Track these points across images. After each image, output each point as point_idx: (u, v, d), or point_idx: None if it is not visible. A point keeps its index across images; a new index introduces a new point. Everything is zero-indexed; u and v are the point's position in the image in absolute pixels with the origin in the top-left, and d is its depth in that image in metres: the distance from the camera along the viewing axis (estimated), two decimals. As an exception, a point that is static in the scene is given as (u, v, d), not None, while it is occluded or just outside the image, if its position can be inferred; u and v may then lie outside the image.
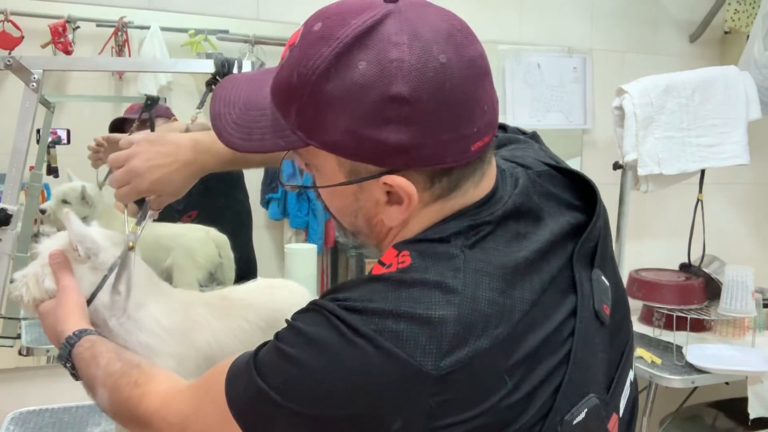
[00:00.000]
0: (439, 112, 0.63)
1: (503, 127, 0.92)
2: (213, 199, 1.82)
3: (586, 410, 0.66)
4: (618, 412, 0.74)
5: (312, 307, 0.66)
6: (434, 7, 0.67)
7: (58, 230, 1.04)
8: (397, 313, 0.61)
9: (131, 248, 0.97)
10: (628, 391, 0.78)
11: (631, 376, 0.80)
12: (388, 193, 0.67)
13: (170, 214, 1.75)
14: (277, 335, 0.66)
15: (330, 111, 0.63)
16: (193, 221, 1.81)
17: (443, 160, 0.65)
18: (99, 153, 1.63)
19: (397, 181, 0.65)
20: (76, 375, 0.90)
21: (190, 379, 1.00)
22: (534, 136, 0.89)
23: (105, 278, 0.97)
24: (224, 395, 0.67)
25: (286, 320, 0.67)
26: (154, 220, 1.02)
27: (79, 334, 0.89)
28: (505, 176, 0.74)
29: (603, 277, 0.74)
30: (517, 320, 0.63)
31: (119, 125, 1.75)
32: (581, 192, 0.77)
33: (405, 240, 0.69)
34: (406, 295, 0.62)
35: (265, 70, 0.76)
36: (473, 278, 0.63)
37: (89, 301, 0.97)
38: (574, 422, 0.65)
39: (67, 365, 0.90)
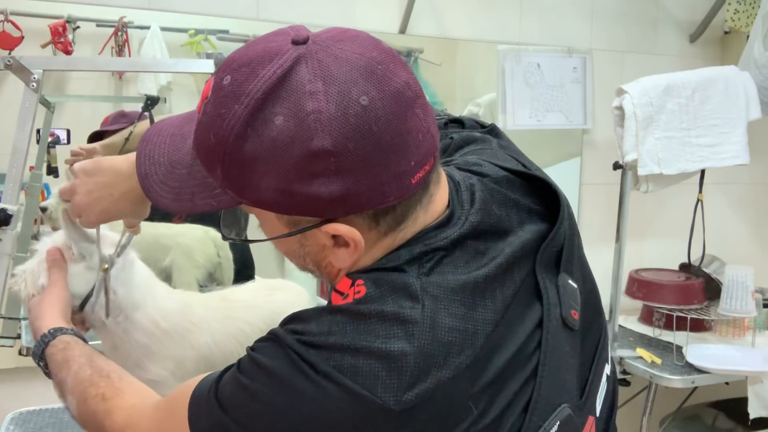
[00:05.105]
0: (370, 157, 0.59)
1: (460, 122, 0.89)
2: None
3: (558, 423, 0.65)
4: (594, 413, 0.73)
5: (272, 338, 0.64)
6: (349, 40, 0.63)
7: (53, 229, 1.04)
8: (356, 348, 0.59)
9: (104, 271, 0.97)
10: (605, 387, 0.76)
11: (607, 370, 0.78)
12: (333, 236, 0.65)
13: (161, 214, 1.75)
14: (239, 365, 0.65)
15: (254, 170, 0.61)
16: (184, 221, 1.81)
17: (384, 200, 0.62)
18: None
19: (339, 228, 0.63)
20: (49, 374, 0.89)
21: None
22: (492, 131, 0.85)
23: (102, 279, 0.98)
24: (187, 421, 0.66)
25: (247, 348, 0.66)
26: (154, 219, 1.02)
27: (54, 333, 0.88)
28: (461, 190, 0.70)
29: (570, 281, 0.72)
30: (480, 344, 0.61)
31: (97, 138, 1.74)
32: (543, 194, 0.74)
33: (358, 269, 0.67)
34: (364, 328, 0.60)
35: (188, 118, 0.73)
36: (432, 306, 0.61)
37: (85, 301, 0.97)
38: None
39: (41, 364, 0.89)
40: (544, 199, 0.74)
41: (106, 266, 0.97)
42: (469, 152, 0.80)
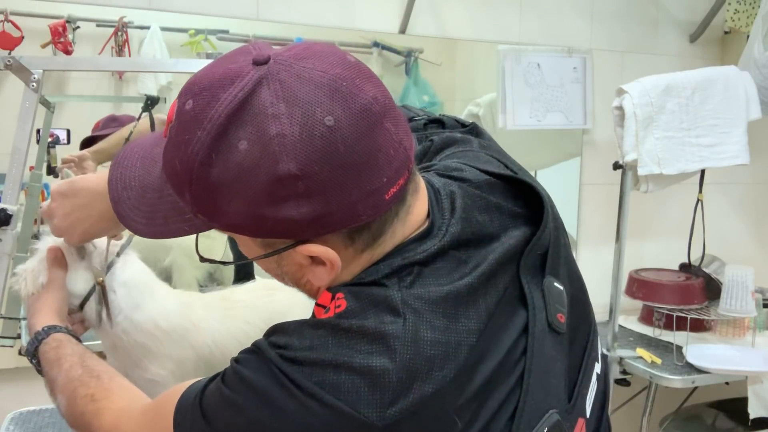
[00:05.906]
0: (339, 177, 0.58)
1: (440, 122, 0.88)
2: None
3: (546, 429, 0.64)
4: (584, 415, 0.72)
5: (255, 350, 0.64)
6: (312, 57, 0.61)
7: None
8: (338, 364, 0.58)
9: (99, 284, 0.97)
10: (595, 387, 0.75)
11: (597, 369, 0.77)
12: (310, 256, 0.64)
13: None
14: (223, 376, 0.64)
15: (222, 196, 0.60)
16: None
17: (357, 219, 0.61)
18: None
19: (314, 249, 0.62)
20: (41, 372, 0.89)
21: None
22: (473, 130, 0.84)
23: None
24: (172, 427, 0.65)
25: (231, 360, 0.65)
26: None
27: (48, 331, 0.88)
28: (441, 198, 0.69)
29: (556, 283, 0.70)
30: (464, 356, 0.60)
31: (89, 144, 1.74)
32: (526, 196, 0.72)
33: (338, 283, 0.66)
34: (345, 343, 0.59)
35: (157, 140, 0.72)
36: (413, 320, 0.60)
37: (85, 300, 0.97)
38: None
39: (33, 361, 0.89)
40: (528, 201, 0.72)
41: (101, 279, 0.97)
42: (450, 155, 0.79)
